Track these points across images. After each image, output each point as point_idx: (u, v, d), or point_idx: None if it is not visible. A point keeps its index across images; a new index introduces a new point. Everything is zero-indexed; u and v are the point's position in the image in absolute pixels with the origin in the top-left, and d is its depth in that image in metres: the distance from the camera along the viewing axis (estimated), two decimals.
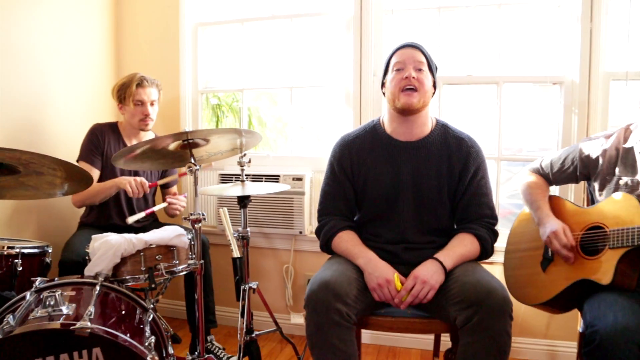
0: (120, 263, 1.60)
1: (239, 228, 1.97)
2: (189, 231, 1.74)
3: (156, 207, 2.03)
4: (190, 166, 1.57)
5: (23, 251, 1.68)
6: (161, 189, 2.42)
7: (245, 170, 1.93)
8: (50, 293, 1.29)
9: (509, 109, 2.34)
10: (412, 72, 1.56)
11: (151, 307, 1.58)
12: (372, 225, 1.68)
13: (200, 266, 1.64)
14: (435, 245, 1.60)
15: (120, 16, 2.79)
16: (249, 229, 1.98)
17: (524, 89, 2.42)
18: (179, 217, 2.34)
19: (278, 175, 2.48)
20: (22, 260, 1.67)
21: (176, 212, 2.25)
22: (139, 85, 2.15)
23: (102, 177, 2.18)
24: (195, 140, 1.58)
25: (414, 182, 1.61)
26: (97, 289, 1.44)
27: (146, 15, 2.74)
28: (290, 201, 2.47)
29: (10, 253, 1.65)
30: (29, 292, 1.40)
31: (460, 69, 2.37)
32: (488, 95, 2.35)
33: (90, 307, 1.29)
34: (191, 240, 1.72)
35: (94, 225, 2.17)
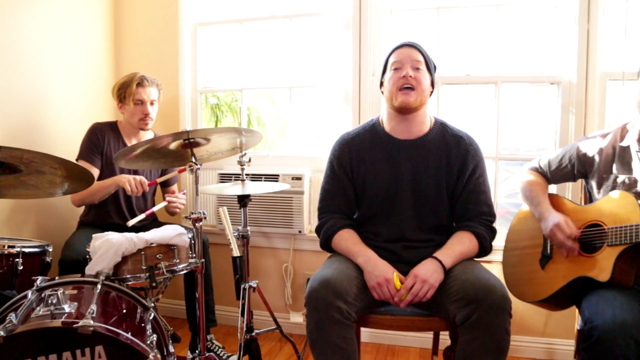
0: (121, 262, 1.60)
1: (239, 227, 1.97)
2: (189, 230, 1.75)
3: (156, 207, 2.04)
4: (191, 165, 1.58)
5: (24, 250, 1.68)
6: (161, 187, 2.42)
7: (245, 169, 1.94)
8: (53, 292, 1.29)
9: (507, 108, 2.35)
10: (409, 71, 1.57)
11: (152, 305, 1.58)
12: (372, 223, 1.68)
13: (201, 265, 1.64)
14: (434, 244, 1.60)
15: (119, 16, 2.79)
16: (249, 228, 1.99)
17: (522, 89, 2.44)
18: (178, 216, 2.35)
19: (277, 175, 2.48)
20: (22, 259, 1.67)
21: (176, 210, 2.25)
22: (140, 84, 2.16)
23: (101, 176, 2.18)
24: (196, 139, 1.59)
25: (413, 180, 1.62)
26: (98, 288, 1.44)
27: (145, 14, 2.75)
28: (289, 200, 2.47)
29: (11, 252, 1.65)
30: (30, 291, 1.39)
31: (458, 69, 2.38)
32: (486, 95, 2.37)
33: (92, 305, 1.29)
34: (191, 239, 1.73)
35: (93, 225, 2.17)
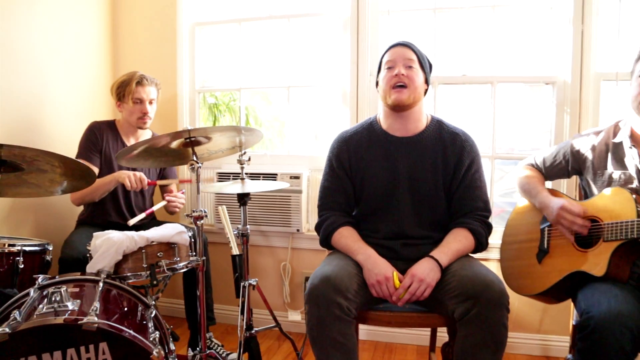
0: (122, 260, 1.61)
1: (238, 226, 1.98)
2: (188, 229, 1.76)
3: (156, 207, 2.05)
4: (192, 164, 1.59)
5: (25, 249, 1.68)
6: (160, 186, 2.43)
7: (244, 168, 1.95)
8: (56, 289, 1.29)
9: (503, 108, 2.38)
10: (401, 70, 1.60)
11: (153, 303, 1.59)
12: (371, 220, 1.70)
13: (202, 262, 1.65)
14: (432, 241, 1.62)
15: (118, 15, 2.79)
16: (248, 226, 2.01)
17: (517, 89, 2.47)
18: (177, 215, 2.36)
19: (275, 174, 2.49)
20: (23, 258, 1.67)
21: (176, 210, 2.26)
22: (139, 83, 2.16)
23: (100, 175, 2.18)
24: (197, 138, 1.60)
25: (410, 176, 1.64)
26: (100, 286, 1.45)
27: (144, 14, 2.75)
28: (287, 199, 2.49)
29: (12, 251, 1.65)
30: (32, 289, 1.40)
31: (455, 69, 2.41)
32: (482, 95, 2.39)
33: (95, 302, 1.30)
34: (192, 237, 1.74)
35: (92, 223, 2.17)
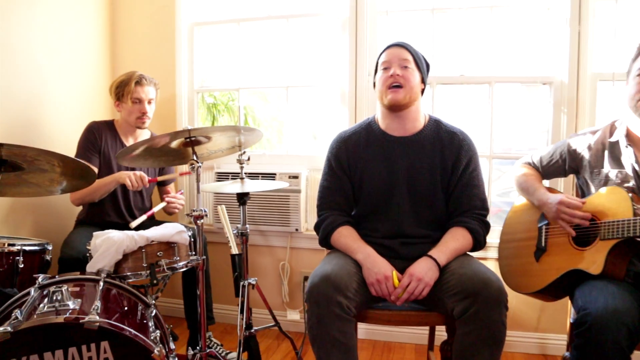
0: (122, 260, 1.61)
1: (238, 225, 1.99)
2: (188, 228, 1.77)
3: (156, 208, 2.07)
4: (192, 163, 1.60)
5: (24, 248, 1.68)
6: (158, 186, 2.43)
7: (243, 167, 1.96)
8: (57, 288, 1.30)
9: (501, 108, 2.40)
10: (397, 70, 1.62)
11: (153, 302, 1.59)
12: (370, 220, 1.71)
13: (203, 262, 1.66)
14: (431, 240, 1.63)
15: (116, 15, 2.79)
16: (247, 225, 2.01)
17: (514, 89, 2.49)
18: (176, 215, 2.36)
19: (274, 174, 2.50)
20: (23, 257, 1.67)
21: (175, 211, 2.27)
22: (138, 83, 2.17)
23: (99, 175, 2.18)
24: (197, 137, 1.61)
25: (408, 176, 1.66)
26: (100, 285, 1.45)
27: (142, 14, 2.75)
28: (286, 199, 2.49)
29: (12, 250, 1.65)
30: (32, 288, 1.40)
31: (453, 69, 2.42)
32: (480, 95, 2.41)
33: (96, 301, 1.30)
34: (191, 237, 1.74)
35: (91, 223, 2.17)
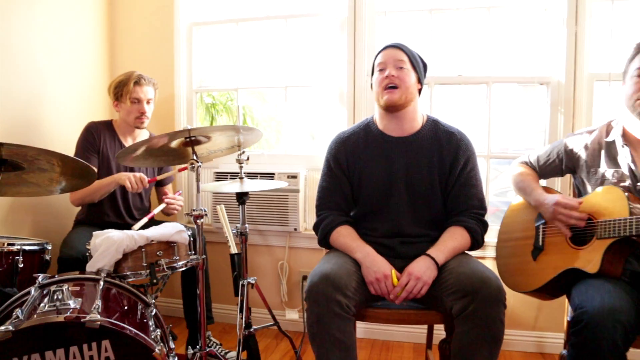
0: (122, 259, 1.61)
1: (237, 224, 2.00)
2: (187, 228, 1.77)
3: (156, 210, 2.08)
4: (192, 163, 1.60)
5: (24, 248, 1.68)
6: (155, 188, 2.44)
7: (243, 167, 1.96)
8: (58, 287, 1.30)
9: (498, 108, 2.41)
10: (392, 71, 1.63)
11: (152, 302, 1.59)
12: (369, 220, 1.72)
13: (202, 261, 1.67)
14: (429, 239, 1.64)
15: (115, 15, 2.79)
16: (247, 225, 2.02)
17: (512, 89, 2.50)
18: (174, 215, 2.36)
19: (273, 173, 2.51)
20: (22, 257, 1.67)
21: (174, 212, 2.27)
22: (137, 83, 2.17)
23: (98, 175, 2.19)
24: (197, 137, 1.61)
25: (407, 176, 1.66)
26: (101, 284, 1.46)
27: (141, 14, 2.75)
28: (285, 198, 2.50)
29: (11, 250, 1.65)
30: (33, 288, 1.40)
31: (451, 70, 2.43)
32: (478, 95, 2.42)
33: (97, 300, 1.31)
34: (190, 236, 1.75)
35: (90, 223, 2.17)
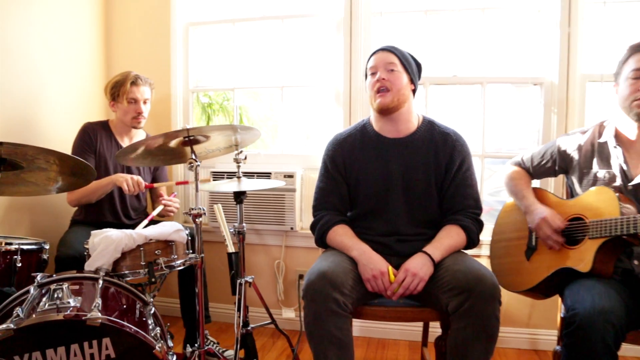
0: (120, 258, 1.62)
1: (234, 224, 2.01)
2: (185, 227, 1.78)
3: (155, 211, 2.09)
4: (191, 162, 1.61)
5: (22, 247, 1.68)
6: (150, 190, 2.44)
7: (240, 166, 1.97)
8: (58, 286, 1.31)
9: (492, 108, 2.44)
10: (383, 74, 1.65)
11: (151, 301, 1.60)
12: (365, 220, 1.74)
13: (201, 260, 1.68)
14: (425, 237, 1.66)
15: (111, 15, 2.79)
16: (244, 224, 2.03)
17: (506, 89, 2.53)
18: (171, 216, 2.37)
19: (269, 173, 2.52)
20: (20, 256, 1.67)
21: (170, 214, 2.28)
22: (133, 83, 2.17)
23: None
24: (196, 137, 1.62)
25: (403, 177, 1.68)
26: (100, 283, 1.46)
27: (137, 14, 2.75)
28: (281, 198, 2.51)
29: (9, 249, 1.65)
30: (32, 287, 1.40)
31: (446, 70, 2.45)
32: (472, 95, 2.44)
33: (96, 299, 1.32)
34: (188, 235, 1.76)
35: (87, 223, 2.18)
